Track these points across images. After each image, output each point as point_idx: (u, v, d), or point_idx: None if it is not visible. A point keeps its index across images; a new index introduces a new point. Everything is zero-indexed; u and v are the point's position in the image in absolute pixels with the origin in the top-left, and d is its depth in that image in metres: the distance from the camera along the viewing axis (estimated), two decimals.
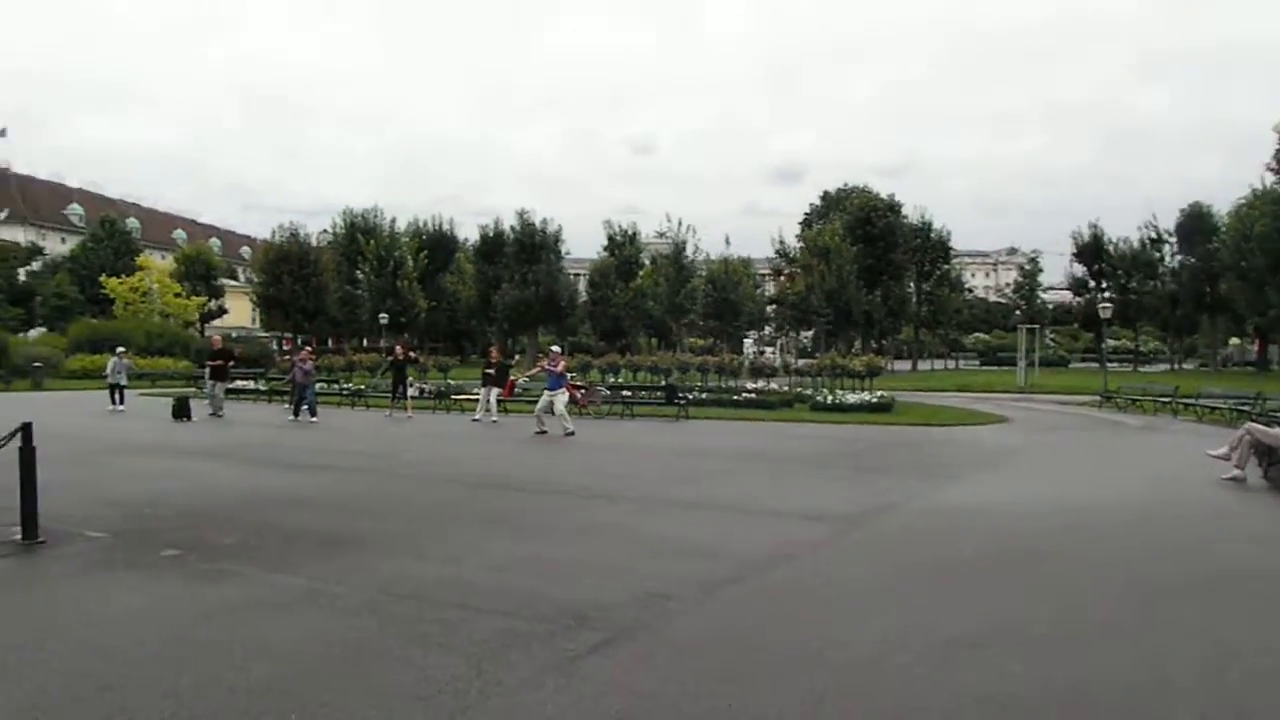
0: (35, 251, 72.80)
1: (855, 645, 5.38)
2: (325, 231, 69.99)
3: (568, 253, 65.48)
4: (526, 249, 60.46)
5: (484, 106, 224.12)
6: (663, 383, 28.53)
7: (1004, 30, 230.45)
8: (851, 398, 25.54)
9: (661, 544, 8.05)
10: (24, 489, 7.59)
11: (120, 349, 27.59)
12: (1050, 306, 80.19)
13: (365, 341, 62.75)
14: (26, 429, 7.59)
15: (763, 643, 5.39)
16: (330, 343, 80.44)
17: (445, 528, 8.75)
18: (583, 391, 24.62)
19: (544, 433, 17.92)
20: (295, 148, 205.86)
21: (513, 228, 63.10)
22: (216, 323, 75.04)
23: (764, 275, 72.79)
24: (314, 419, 21.68)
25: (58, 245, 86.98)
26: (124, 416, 23.47)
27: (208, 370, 24.03)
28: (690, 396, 25.54)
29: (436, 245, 68.74)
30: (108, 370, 26.48)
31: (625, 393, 26.05)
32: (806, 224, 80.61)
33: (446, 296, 71.42)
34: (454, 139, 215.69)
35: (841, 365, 28.80)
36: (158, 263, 63.61)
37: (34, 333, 61.16)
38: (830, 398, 25.74)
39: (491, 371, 22.59)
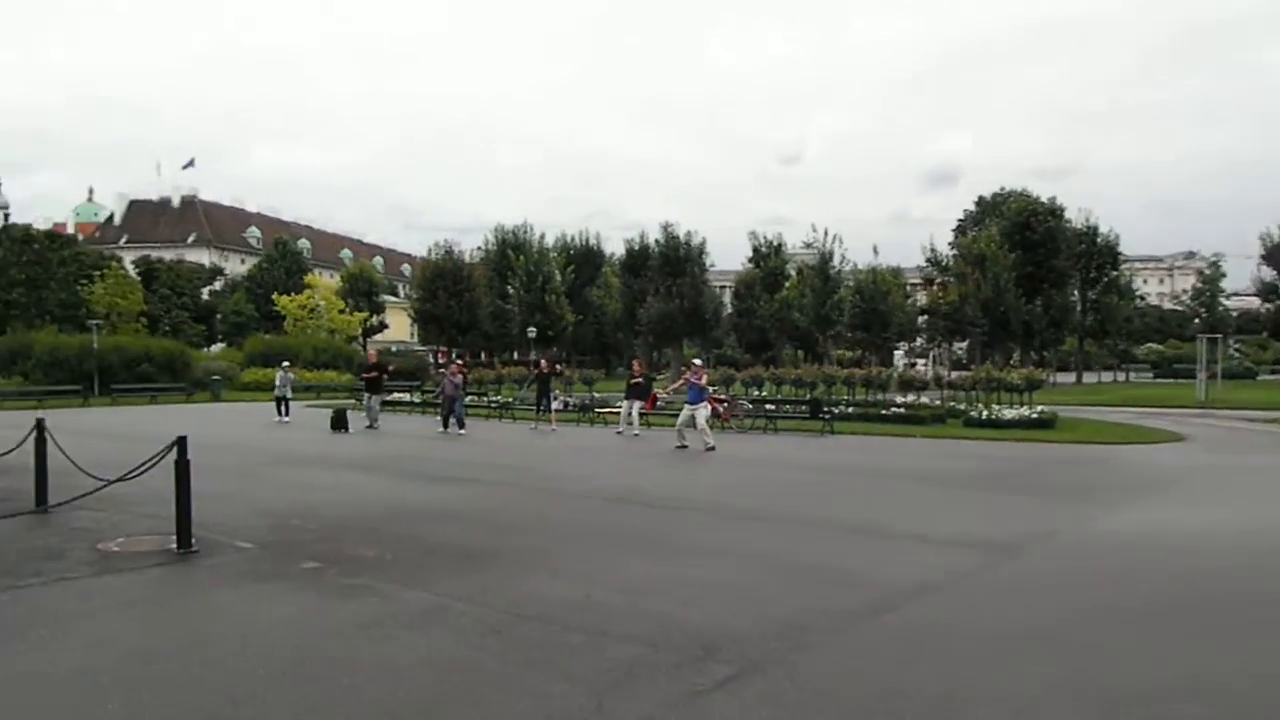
0: (216, 272, 78.23)
1: (1009, 697, 4.87)
2: (479, 249, 72.37)
3: (712, 265, 65.17)
4: (671, 262, 60.64)
5: (633, 121, 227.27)
6: (807, 396, 27.80)
7: (1184, 22, 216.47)
8: (1009, 413, 24.18)
9: (800, 568, 7.67)
10: (179, 501, 7.92)
11: (285, 364, 29.11)
12: (1234, 314, 74.20)
13: (515, 355, 64.27)
14: (181, 443, 7.92)
15: (903, 687, 4.96)
16: (483, 356, 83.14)
17: (579, 544, 8.64)
18: (725, 405, 24.25)
19: (684, 447, 17.71)
20: (454, 168, 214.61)
21: (657, 241, 63.46)
22: (378, 337, 78.74)
23: (914, 285, 70.44)
24: (462, 431, 22.16)
25: (237, 266, 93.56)
26: (288, 428, 24.66)
27: (363, 384, 24.95)
28: (836, 410, 24.80)
29: (584, 260, 69.99)
30: (275, 384, 27.93)
31: (769, 406, 25.55)
32: (960, 230, 77.72)
33: (593, 310, 72.45)
34: (604, 154, 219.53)
35: (998, 378, 27.33)
36: (324, 281, 67.00)
37: (216, 348, 65.86)
38: (985, 413, 24.46)
39: (639, 382, 22.55)
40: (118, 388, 38.16)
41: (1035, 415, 23.53)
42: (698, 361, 19.79)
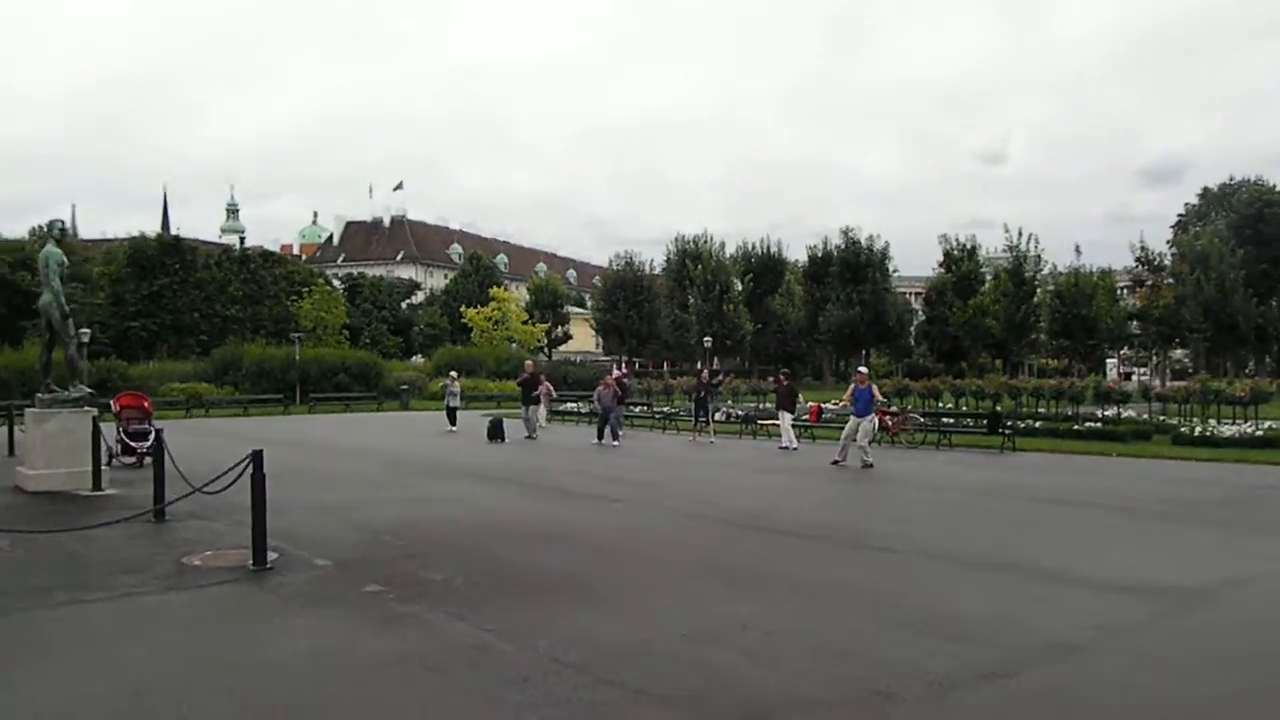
0: (414, 286, 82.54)
1: None
2: (662, 260, 72.80)
3: (895, 270, 62.69)
4: (851, 268, 58.68)
5: (824, 124, 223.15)
6: (992, 408, 25.68)
7: None
8: (1228, 430, 21.26)
9: (912, 615, 6.50)
10: (255, 516, 7.69)
11: (453, 373, 29.78)
12: None
13: (700, 365, 63.98)
14: (257, 458, 7.69)
15: None
16: (665, 366, 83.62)
17: (669, 575, 7.86)
18: (894, 418, 22.74)
19: (839, 463, 16.55)
20: (647, 181, 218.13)
21: (838, 247, 61.50)
22: (562, 348, 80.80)
23: (1124, 287, 64.84)
24: (615, 443, 21.83)
25: (440, 281, 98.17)
26: (453, 437, 25.19)
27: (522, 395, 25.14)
28: (1021, 425, 22.79)
29: (764, 268, 68.95)
30: (444, 393, 28.64)
31: (945, 419, 23.77)
32: (1181, 227, 71.01)
33: (775, 319, 71.26)
34: (793, 160, 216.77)
35: (1215, 390, 24.16)
36: (509, 294, 69.24)
37: (416, 359, 69.35)
38: (1199, 429, 21.62)
39: (784, 391, 21.55)
40: (316, 396, 40.57)
41: (1260, 433, 20.53)
42: (863, 370, 18.50)
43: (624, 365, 71.47)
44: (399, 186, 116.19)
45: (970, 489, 13.85)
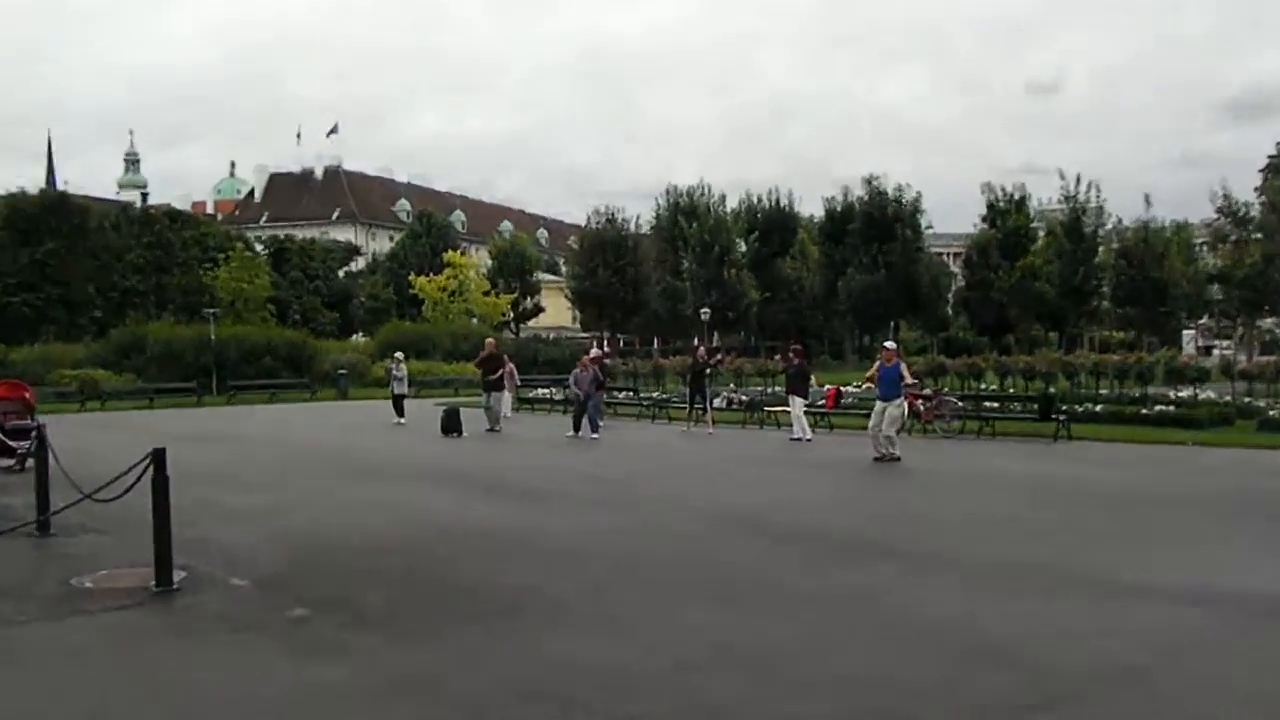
0: (353, 251, 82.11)
1: None
2: (650, 217, 72.76)
3: (928, 227, 62.78)
4: (876, 224, 58.69)
5: (842, 55, 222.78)
6: (1044, 390, 25.82)
7: None
8: None
9: (942, 634, 6.56)
10: (157, 531, 7.67)
11: (398, 355, 29.66)
12: None
13: (695, 341, 64.18)
14: (159, 458, 7.67)
15: None
16: (655, 343, 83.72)
17: (653, 588, 7.94)
18: (927, 402, 22.85)
19: (886, 458, 16.61)
20: (630, 126, 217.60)
21: (860, 199, 61.56)
22: (532, 323, 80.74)
23: (1203, 244, 65.12)
24: (594, 435, 21.92)
25: (385, 244, 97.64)
26: (399, 431, 25.27)
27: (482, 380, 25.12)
28: (1078, 409, 23.02)
29: (773, 225, 69.15)
30: (388, 379, 28.58)
31: (988, 404, 23.91)
32: (1272, 170, 71.23)
33: (786, 286, 71.41)
34: (806, 97, 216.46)
35: None
36: (466, 259, 69.09)
37: (357, 338, 69.19)
38: None
39: (796, 371, 21.66)
40: (235, 384, 40.51)
41: None
42: (890, 344, 18.52)
43: (606, 343, 71.60)
44: (333, 130, 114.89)
45: (1016, 485, 13.96)
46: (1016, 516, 11.33)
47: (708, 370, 25.28)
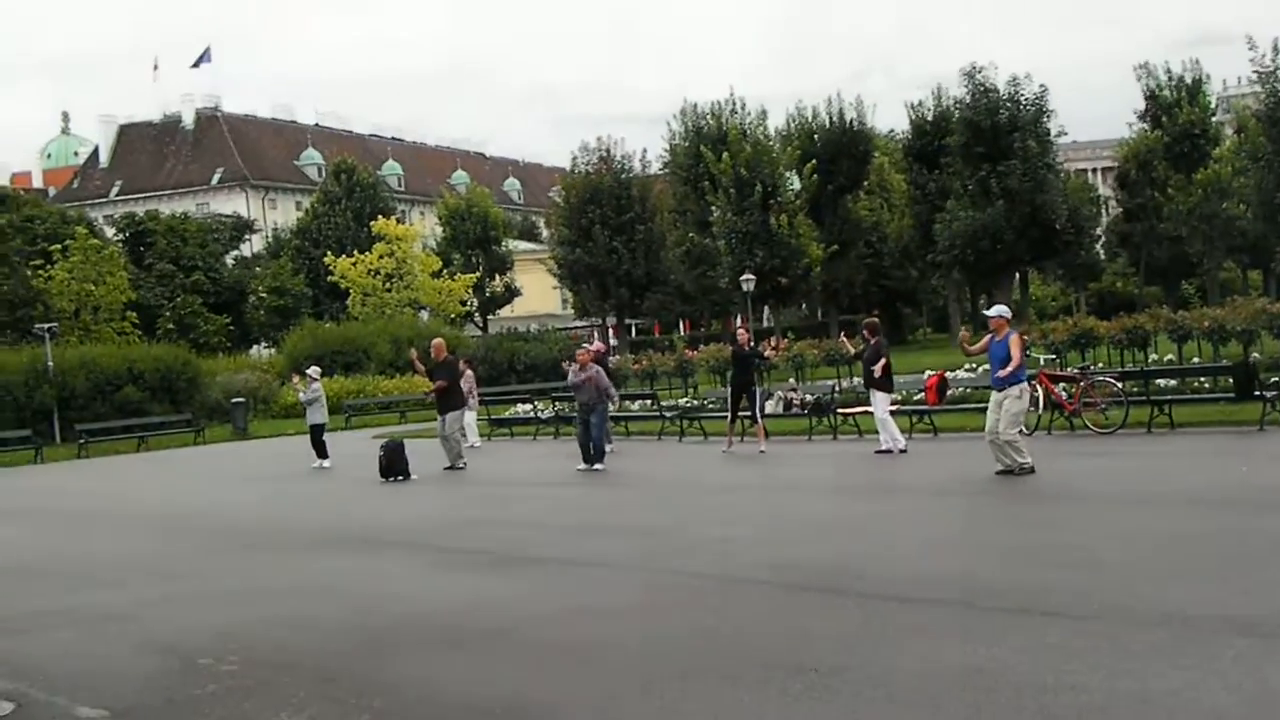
0: (243, 227, 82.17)
1: None
2: (660, 152, 72.54)
3: (1061, 134, 62.10)
4: (983, 134, 58.13)
5: None
6: (1243, 357, 25.51)
7: None
8: None
9: None
10: None
11: (312, 370, 29.33)
12: None
13: (737, 322, 64.06)
14: None
15: None
16: (682, 328, 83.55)
17: (686, 688, 7.75)
18: (1072, 385, 22.63)
19: (1008, 470, 16.48)
20: (629, 26, 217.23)
21: (957, 101, 61.08)
22: (507, 312, 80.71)
23: None
24: (598, 466, 21.78)
25: (292, 215, 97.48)
26: (322, 477, 25.42)
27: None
28: None
29: (837, 150, 68.69)
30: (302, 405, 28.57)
31: (1160, 381, 23.67)
32: None
33: (862, 234, 71.09)
34: None
35: None
36: (407, 226, 68.91)
37: (259, 351, 69.18)
38: None
39: (879, 352, 21.49)
40: (86, 429, 40.26)
41: None
42: (999, 310, 18.11)
43: (610, 332, 71.44)
44: (204, 59, 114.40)
45: (1203, 500, 13.79)
46: (1208, 547, 11.11)
47: (756, 361, 25.04)
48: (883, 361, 21.27)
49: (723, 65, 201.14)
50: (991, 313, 17.81)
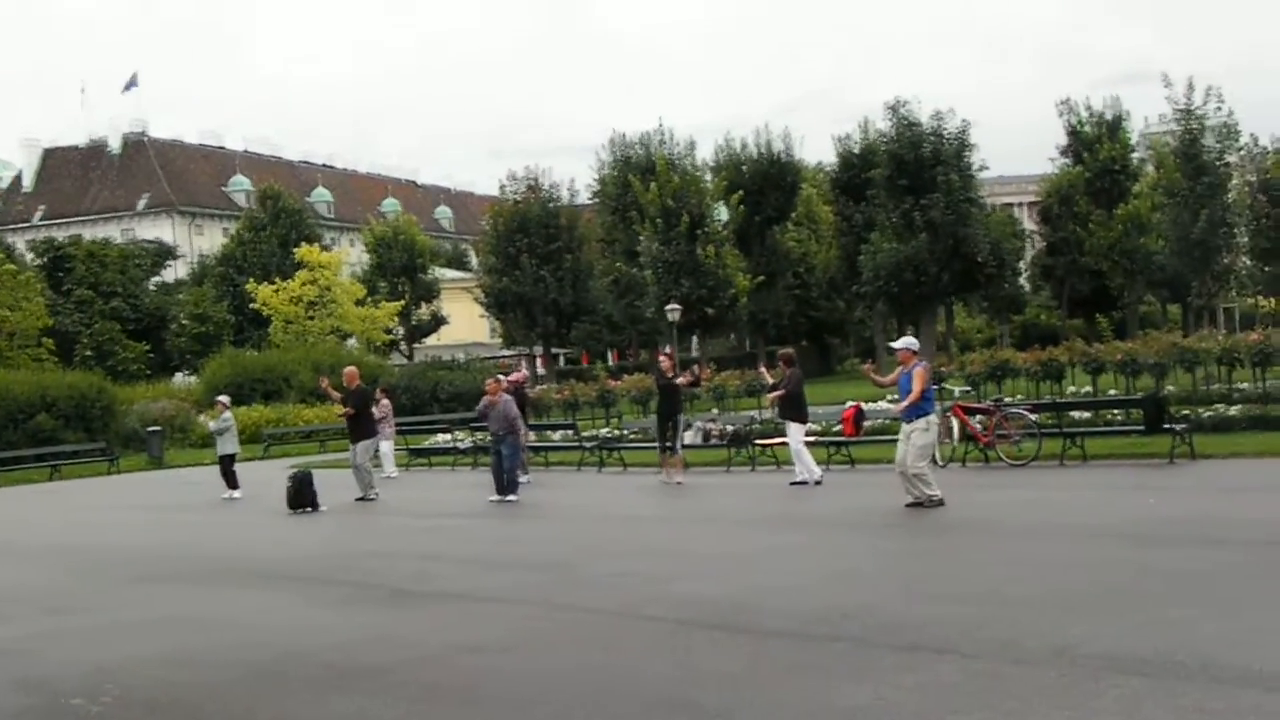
0: (165, 253, 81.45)
1: None
2: (590, 181, 72.59)
3: (981, 168, 62.56)
4: (907, 167, 58.45)
5: None
6: (1153, 390, 25.71)
7: None
8: None
9: None
10: None
11: (221, 400, 29.03)
12: None
13: (658, 351, 64.20)
14: None
15: None
16: (609, 358, 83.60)
17: None
18: (986, 417, 22.72)
19: (917, 503, 16.56)
20: (569, 57, 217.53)
21: (882, 135, 61.46)
22: (433, 339, 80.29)
23: None
24: (511, 497, 21.63)
25: (219, 239, 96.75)
26: (231, 508, 25.17)
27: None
28: (1202, 415, 23.20)
29: (766, 181, 68.96)
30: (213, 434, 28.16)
31: (1074, 413, 23.86)
32: None
33: (790, 264, 71.36)
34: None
35: None
36: (331, 254, 68.37)
37: (181, 378, 68.39)
38: None
39: (795, 383, 21.47)
40: None
41: None
42: (905, 342, 18.05)
43: (538, 361, 71.24)
44: (132, 84, 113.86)
45: (1109, 532, 13.79)
46: (1113, 581, 11.05)
47: (675, 393, 24.79)
48: (780, 392, 21.50)
49: (663, 96, 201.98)
50: (898, 345, 17.83)
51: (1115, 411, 24.08)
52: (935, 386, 25.03)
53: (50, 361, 54.98)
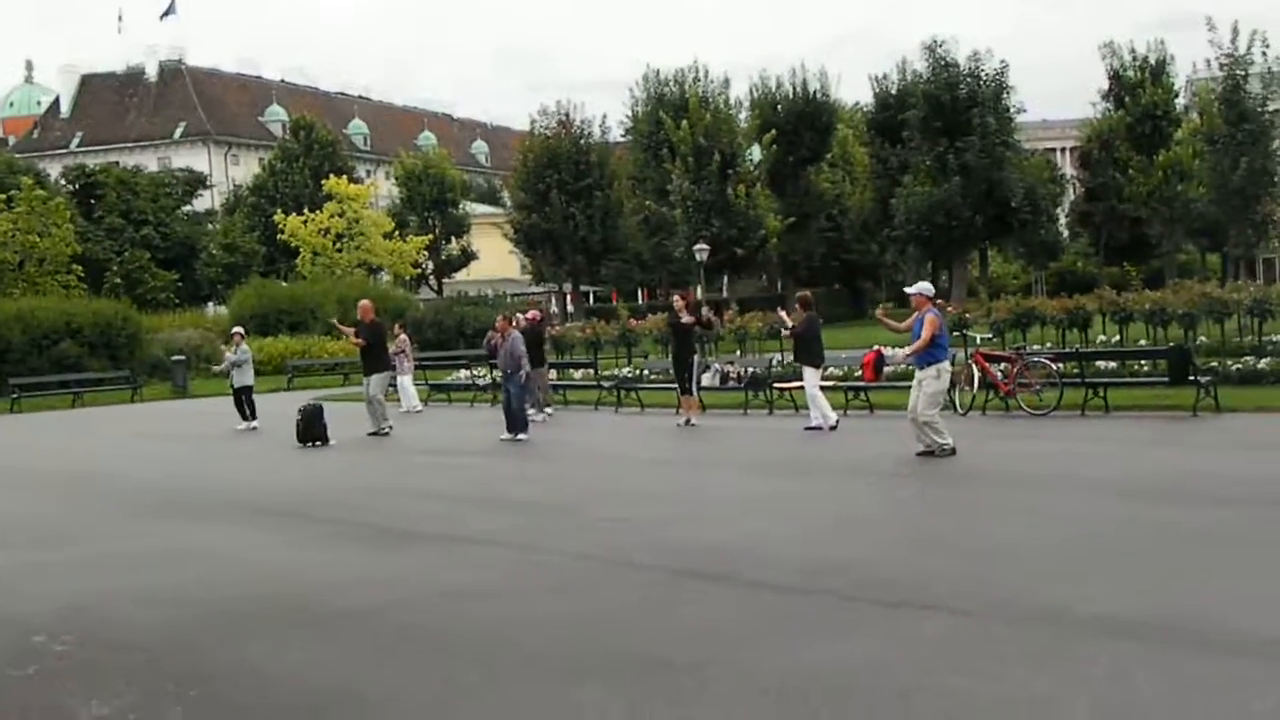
0: (197, 181, 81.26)
1: None
2: (623, 118, 72.02)
3: (1019, 110, 61.68)
4: (942, 110, 57.70)
5: None
6: (1181, 341, 25.29)
7: None
8: None
9: None
10: None
11: (237, 331, 28.94)
12: None
13: (677, 293, 63.78)
14: None
15: None
16: (642, 296, 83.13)
17: (534, 679, 7.44)
18: (1007, 365, 22.29)
19: (929, 452, 16.29)
20: None
21: (918, 75, 60.63)
22: (463, 275, 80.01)
23: None
24: (522, 436, 21.46)
25: (255, 169, 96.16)
26: (246, 439, 25.28)
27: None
28: (1228, 367, 22.85)
29: (799, 121, 68.24)
30: (225, 366, 28.00)
31: (1100, 363, 23.54)
32: None
33: (824, 205, 70.65)
34: None
35: None
36: (360, 186, 67.97)
37: (212, 309, 68.30)
38: None
39: (810, 326, 21.38)
40: (21, 383, 39.73)
41: None
42: (919, 288, 17.68)
43: (568, 299, 70.82)
44: (170, 11, 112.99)
45: (1123, 487, 13.40)
46: (1125, 541, 10.75)
47: (692, 333, 24.46)
48: (787, 331, 21.97)
49: (706, 32, 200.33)
50: (911, 290, 17.53)
51: (1141, 362, 23.69)
52: (959, 333, 24.83)
53: (79, 289, 54.94)
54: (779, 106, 69.19)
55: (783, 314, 26.61)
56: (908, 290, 17.92)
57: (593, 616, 9.07)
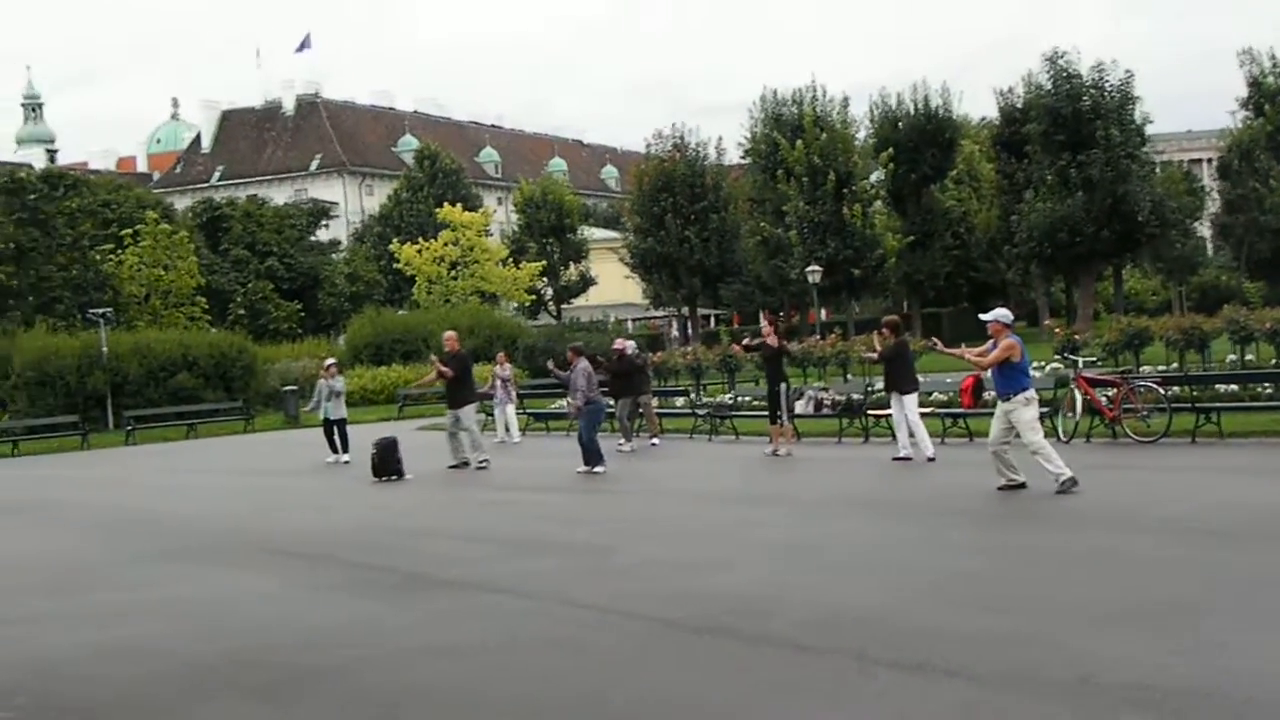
0: (319, 213, 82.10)
1: None
2: (741, 139, 71.28)
3: (1146, 121, 59.77)
4: (1064, 123, 56.03)
5: None
6: None
7: None
8: None
9: None
10: None
11: (330, 362, 28.59)
12: None
13: (768, 316, 62.99)
14: None
15: None
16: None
17: None
18: (1113, 390, 21.04)
19: (1010, 486, 15.41)
20: (748, 14, 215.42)
21: (1039, 88, 59.02)
22: (580, 300, 79.74)
23: None
24: (599, 469, 20.87)
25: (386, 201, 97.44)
26: (329, 473, 25.04)
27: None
28: None
29: (922, 138, 66.97)
30: (314, 400, 27.82)
31: (1218, 386, 22.29)
32: None
33: (950, 223, 69.20)
34: None
35: None
36: (474, 215, 67.80)
37: (335, 340, 68.77)
38: None
39: (900, 352, 20.66)
40: (136, 415, 40.08)
41: None
42: (996, 314, 16.52)
43: (688, 323, 70.15)
44: (305, 44, 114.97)
45: (1205, 527, 12.34)
46: (1180, 597, 9.62)
47: (784, 356, 23.57)
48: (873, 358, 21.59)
49: (840, 53, 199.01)
50: (987, 317, 16.40)
51: (1265, 385, 22.18)
52: (1065, 355, 23.77)
53: (203, 320, 55.81)
54: (900, 124, 68.03)
55: (871, 338, 25.72)
56: (982, 317, 16.83)
57: (583, 678, 8.57)
